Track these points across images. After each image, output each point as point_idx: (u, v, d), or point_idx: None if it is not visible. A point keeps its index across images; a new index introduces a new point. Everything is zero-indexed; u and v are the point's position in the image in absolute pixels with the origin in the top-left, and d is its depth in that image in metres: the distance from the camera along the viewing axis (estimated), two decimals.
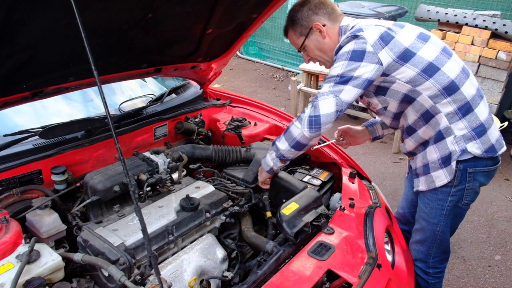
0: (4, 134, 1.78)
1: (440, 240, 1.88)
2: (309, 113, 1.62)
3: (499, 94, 4.63)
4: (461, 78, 1.65)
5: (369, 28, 1.63)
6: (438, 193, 1.79)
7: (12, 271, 1.21)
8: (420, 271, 1.99)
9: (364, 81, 1.58)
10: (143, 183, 1.68)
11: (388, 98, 1.73)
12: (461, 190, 1.75)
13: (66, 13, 1.22)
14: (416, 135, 1.79)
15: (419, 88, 1.64)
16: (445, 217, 1.81)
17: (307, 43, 1.82)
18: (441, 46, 1.68)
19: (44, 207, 1.53)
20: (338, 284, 1.54)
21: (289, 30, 1.86)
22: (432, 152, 1.75)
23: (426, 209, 1.86)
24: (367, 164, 4.30)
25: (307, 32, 1.79)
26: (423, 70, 1.61)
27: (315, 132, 1.62)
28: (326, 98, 1.59)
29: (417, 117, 1.73)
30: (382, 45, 1.59)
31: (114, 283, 1.33)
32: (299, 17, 1.78)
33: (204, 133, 2.43)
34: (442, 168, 1.73)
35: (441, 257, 1.95)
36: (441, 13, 4.68)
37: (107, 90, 2.37)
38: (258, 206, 1.95)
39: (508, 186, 4.14)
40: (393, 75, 1.63)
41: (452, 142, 1.68)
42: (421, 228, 1.92)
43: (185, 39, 2.02)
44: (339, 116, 1.62)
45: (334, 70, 1.63)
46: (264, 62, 8.00)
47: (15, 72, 1.46)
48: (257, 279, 1.45)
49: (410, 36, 1.65)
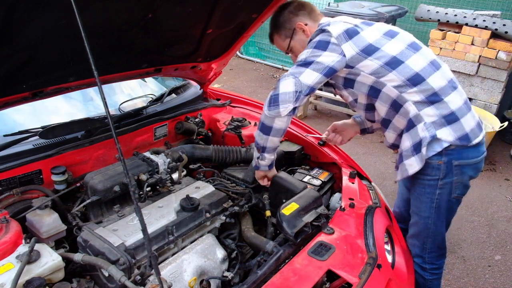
0: (4, 134, 1.78)
1: (433, 234, 1.91)
2: (271, 93, 1.69)
3: (499, 94, 4.63)
4: (427, 70, 1.71)
5: (336, 23, 1.75)
6: (426, 187, 1.82)
7: (12, 271, 1.21)
8: (417, 267, 2.02)
9: (325, 68, 1.66)
10: (143, 183, 1.68)
11: (356, 90, 1.81)
12: (448, 184, 1.78)
13: (66, 13, 1.22)
14: (392, 125, 1.85)
15: (383, 80, 1.70)
16: (435, 210, 1.84)
17: (292, 44, 1.93)
18: (408, 41, 1.76)
19: (44, 207, 1.53)
20: (338, 284, 1.54)
21: (274, 35, 1.98)
22: (405, 140, 1.79)
23: (417, 203, 1.91)
24: (367, 164, 4.30)
25: (291, 33, 1.91)
26: (386, 63, 1.69)
27: (274, 109, 1.65)
28: (287, 79, 1.66)
29: (387, 108, 1.79)
30: (346, 39, 1.69)
31: (114, 283, 1.33)
32: (281, 20, 1.91)
33: (204, 133, 2.43)
34: (414, 156, 1.76)
35: (437, 252, 1.98)
36: (441, 13, 4.68)
37: (107, 90, 2.37)
38: (258, 206, 1.95)
39: (508, 186, 4.14)
40: (357, 67, 1.71)
41: (422, 129, 1.70)
42: (414, 222, 1.97)
43: (185, 39, 2.03)
44: (299, 98, 1.64)
45: (300, 56, 1.73)
46: (264, 62, 7.99)
47: (15, 72, 1.46)
48: (257, 279, 1.45)
49: (375, 33, 1.75)
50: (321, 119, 5.53)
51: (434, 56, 1.79)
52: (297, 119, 2.53)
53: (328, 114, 5.66)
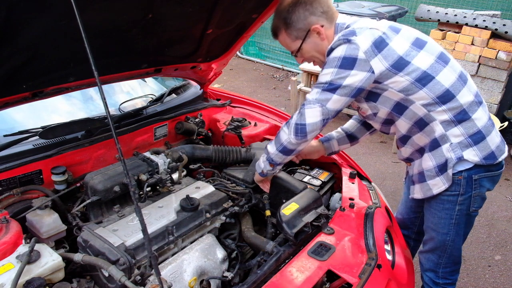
0: (4, 134, 1.78)
1: (450, 250, 1.84)
2: (296, 120, 1.61)
3: (499, 94, 4.63)
4: (457, 86, 1.60)
5: (363, 32, 1.53)
6: (445, 202, 1.73)
7: (12, 272, 1.22)
8: (429, 281, 1.94)
9: (353, 90, 1.54)
10: (143, 183, 1.68)
11: (379, 105, 1.67)
12: (468, 198, 1.71)
13: (66, 13, 1.22)
14: (411, 141, 1.75)
15: (412, 97, 1.58)
16: (454, 226, 1.77)
17: (303, 46, 1.70)
18: (437, 53, 1.62)
19: (44, 207, 1.53)
20: (338, 284, 1.54)
21: (282, 33, 1.71)
22: (427, 160, 1.70)
23: (434, 219, 1.81)
24: (367, 164, 4.30)
25: (304, 35, 1.66)
26: (416, 79, 1.55)
27: (301, 139, 1.63)
28: (313, 107, 1.57)
29: (410, 125, 1.68)
30: (375, 53, 1.51)
31: (114, 283, 1.33)
32: (294, 19, 1.63)
33: (204, 133, 2.43)
34: (439, 176, 1.68)
35: (452, 268, 1.90)
36: (441, 13, 4.68)
37: (107, 90, 2.37)
38: (258, 206, 1.95)
39: (508, 186, 4.14)
40: (386, 83, 1.57)
41: (448, 150, 1.63)
42: (430, 238, 1.88)
43: (185, 39, 2.02)
44: (326, 123, 1.62)
45: (323, 77, 1.57)
46: (264, 62, 8.00)
47: (15, 72, 1.46)
48: (257, 279, 1.45)
49: (404, 43, 1.57)
50: None
51: (461, 67, 1.68)
52: None
53: None
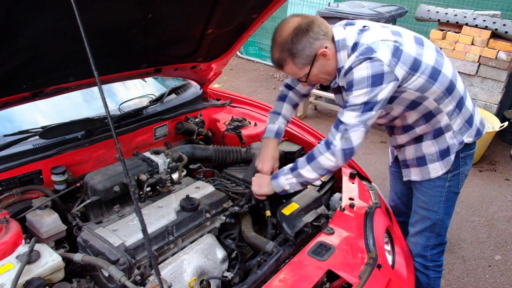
0: (4, 134, 1.78)
1: (438, 229, 1.95)
2: (342, 146, 1.59)
3: (499, 94, 4.63)
4: (455, 75, 1.72)
5: (379, 46, 1.55)
6: (436, 180, 1.85)
7: (12, 272, 1.21)
8: (420, 266, 2.03)
9: (386, 101, 1.59)
10: (143, 183, 1.68)
11: (394, 105, 1.72)
12: (456, 175, 1.84)
13: (66, 13, 1.22)
14: (412, 132, 1.84)
15: (426, 94, 1.66)
16: (443, 203, 1.89)
17: (312, 70, 1.65)
18: (433, 47, 1.72)
19: (44, 207, 1.53)
20: (338, 284, 1.54)
21: (288, 64, 1.65)
22: (430, 145, 1.81)
23: (425, 198, 1.92)
24: (367, 164, 4.30)
25: (311, 61, 1.62)
26: (429, 76, 1.62)
27: (348, 160, 1.70)
28: (357, 130, 1.58)
29: (418, 117, 1.76)
30: (396, 61, 1.55)
31: (114, 283, 1.33)
32: (300, 48, 1.58)
33: (204, 133, 2.43)
34: (440, 161, 1.81)
35: (438, 249, 2.01)
36: (441, 13, 4.68)
37: (107, 90, 2.37)
38: (258, 206, 1.95)
39: (508, 186, 4.14)
40: (405, 85, 1.62)
41: (451, 137, 1.77)
42: (420, 218, 1.97)
43: (185, 39, 2.02)
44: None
45: (357, 99, 1.55)
46: (264, 62, 7.99)
47: (15, 72, 1.46)
48: (257, 279, 1.45)
49: (412, 44, 1.63)
50: (321, 119, 5.53)
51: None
52: (297, 119, 2.53)
53: (328, 114, 5.65)
